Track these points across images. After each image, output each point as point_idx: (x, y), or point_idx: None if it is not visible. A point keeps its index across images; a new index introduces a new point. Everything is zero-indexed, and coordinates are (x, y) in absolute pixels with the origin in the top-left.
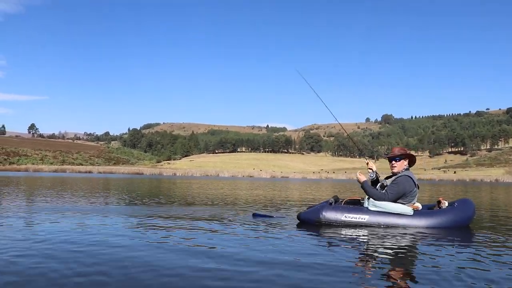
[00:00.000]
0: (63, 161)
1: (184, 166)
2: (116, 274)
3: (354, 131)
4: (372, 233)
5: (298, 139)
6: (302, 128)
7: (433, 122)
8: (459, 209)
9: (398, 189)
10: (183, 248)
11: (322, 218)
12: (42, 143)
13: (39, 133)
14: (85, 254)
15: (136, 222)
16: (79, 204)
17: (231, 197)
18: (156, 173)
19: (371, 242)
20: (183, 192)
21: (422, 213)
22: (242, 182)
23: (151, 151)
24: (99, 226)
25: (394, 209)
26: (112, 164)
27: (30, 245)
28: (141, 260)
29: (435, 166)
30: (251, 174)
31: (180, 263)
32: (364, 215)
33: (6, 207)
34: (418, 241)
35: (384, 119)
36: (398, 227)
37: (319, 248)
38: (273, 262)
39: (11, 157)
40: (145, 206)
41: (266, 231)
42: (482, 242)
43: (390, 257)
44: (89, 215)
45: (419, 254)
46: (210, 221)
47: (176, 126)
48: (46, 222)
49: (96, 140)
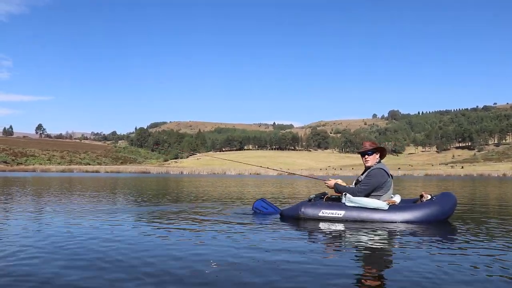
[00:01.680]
0: (70, 161)
1: (191, 164)
2: (128, 271)
3: (361, 127)
4: (347, 227)
5: (305, 136)
6: (308, 125)
7: (440, 118)
8: (437, 203)
9: (372, 181)
10: (190, 245)
11: (301, 214)
12: (50, 143)
13: (47, 133)
14: (96, 251)
15: (145, 220)
16: (88, 203)
17: (238, 194)
18: (163, 172)
19: (343, 237)
20: (190, 190)
21: (398, 207)
22: (249, 179)
23: (158, 150)
24: (110, 224)
25: (369, 204)
26: (119, 164)
27: (37, 243)
28: (149, 254)
29: (442, 162)
30: (258, 172)
31: (186, 258)
32: (341, 210)
33: (17, 208)
34: (388, 235)
35: (391, 115)
36: (374, 222)
37: (286, 242)
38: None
39: (19, 157)
40: (152, 204)
41: (249, 227)
42: (455, 236)
43: (356, 251)
44: (99, 214)
45: (384, 248)
46: (213, 218)
47: (183, 124)
48: (57, 222)
49: (103, 139)
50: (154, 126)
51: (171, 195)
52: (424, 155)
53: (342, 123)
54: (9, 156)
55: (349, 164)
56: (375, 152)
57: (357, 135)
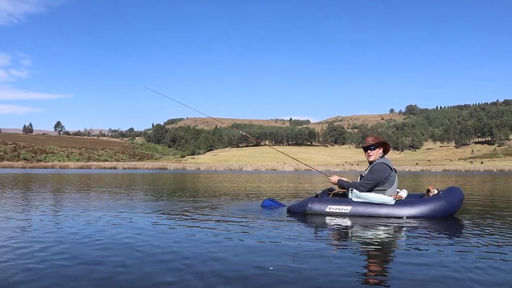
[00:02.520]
0: (88, 158)
1: (208, 160)
2: (143, 267)
3: (378, 122)
4: (354, 222)
5: (321, 132)
6: (325, 120)
7: (459, 112)
8: (444, 198)
9: (375, 176)
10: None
11: (308, 210)
12: (68, 140)
13: (65, 130)
14: (114, 247)
15: (163, 216)
16: (108, 199)
17: (255, 190)
18: (180, 168)
19: (350, 232)
20: (207, 186)
21: (404, 202)
22: (266, 175)
23: (175, 146)
24: (129, 220)
25: (375, 199)
26: (137, 160)
27: (55, 239)
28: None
29: (461, 157)
30: (274, 168)
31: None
32: (347, 206)
33: (37, 204)
34: (393, 231)
35: (408, 110)
36: (380, 217)
37: (295, 237)
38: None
39: (39, 154)
40: (170, 200)
41: (256, 221)
42: (462, 232)
43: (361, 247)
44: (117, 210)
45: (390, 244)
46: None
47: (199, 120)
48: (77, 217)
49: (120, 136)
50: (171, 123)
51: (189, 191)
52: (443, 150)
53: (359, 118)
54: (29, 153)
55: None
56: (378, 147)
57: (374, 130)
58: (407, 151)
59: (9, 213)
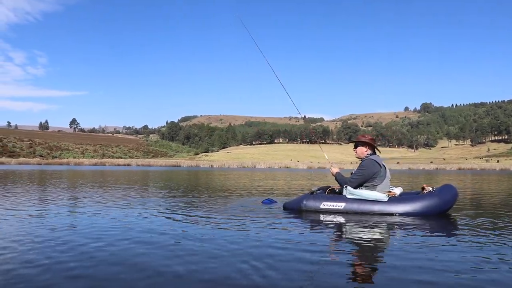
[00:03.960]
0: (103, 155)
1: (222, 158)
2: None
3: (392, 120)
4: (348, 219)
5: (335, 130)
6: (339, 118)
7: (475, 110)
8: (437, 196)
9: (363, 172)
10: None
11: (303, 207)
12: (83, 137)
13: (80, 127)
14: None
15: (175, 213)
16: (122, 196)
17: (267, 187)
18: (193, 165)
19: (343, 229)
20: (220, 183)
21: (397, 199)
22: (279, 173)
23: (189, 143)
24: (142, 217)
25: (369, 196)
26: (151, 157)
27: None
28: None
29: (477, 155)
30: (287, 165)
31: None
32: (341, 202)
33: (53, 199)
34: (385, 228)
35: (423, 108)
36: (374, 214)
37: (288, 234)
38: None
39: (54, 151)
40: (182, 197)
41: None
42: (454, 229)
43: (353, 244)
44: (131, 207)
45: (382, 241)
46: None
47: (213, 118)
48: (91, 214)
49: (135, 133)
50: (185, 120)
51: (202, 187)
52: (458, 149)
53: (374, 116)
54: (45, 150)
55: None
56: (362, 145)
57: (389, 128)
58: (422, 150)
59: (24, 208)
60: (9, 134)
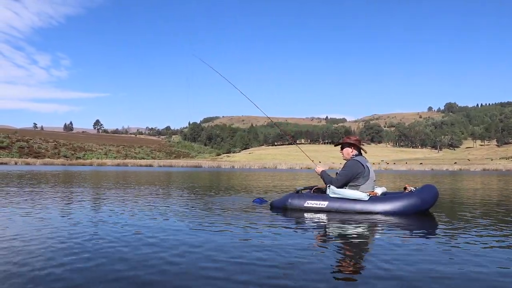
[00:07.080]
0: (125, 156)
1: (243, 158)
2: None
3: (415, 121)
4: (330, 217)
5: (357, 130)
6: (361, 118)
7: (501, 110)
8: (416, 195)
9: (346, 172)
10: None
11: (288, 205)
12: (107, 138)
13: (104, 128)
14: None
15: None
16: (143, 196)
17: (284, 187)
18: (214, 166)
19: (326, 227)
20: (242, 183)
21: (378, 198)
22: (301, 173)
23: (211, 144)
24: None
25: (351, 195)
26: (173, 158)
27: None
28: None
29: (503, 156)
30: (309, 166)
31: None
32: (324, 201)
33: (77, 199)
34: (365, 226)
35: (447, 108)
36: (355, 212)
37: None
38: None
39: (78, 152)
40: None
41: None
42: (432, 229)
43: (335, 242)
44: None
45: (361, 239)
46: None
47: (235, 119)
48: (113, 213)
49: (157, 134)
50: (207, 121)
51: (223, 188)
52: (483, 149)
53: (396, 117)
54: (69, 150)
55: (403, 158)
56: (348, 147)
57: (412, 129)
58: (446, 150)
59: (51, 208)
60: (35, 136)
